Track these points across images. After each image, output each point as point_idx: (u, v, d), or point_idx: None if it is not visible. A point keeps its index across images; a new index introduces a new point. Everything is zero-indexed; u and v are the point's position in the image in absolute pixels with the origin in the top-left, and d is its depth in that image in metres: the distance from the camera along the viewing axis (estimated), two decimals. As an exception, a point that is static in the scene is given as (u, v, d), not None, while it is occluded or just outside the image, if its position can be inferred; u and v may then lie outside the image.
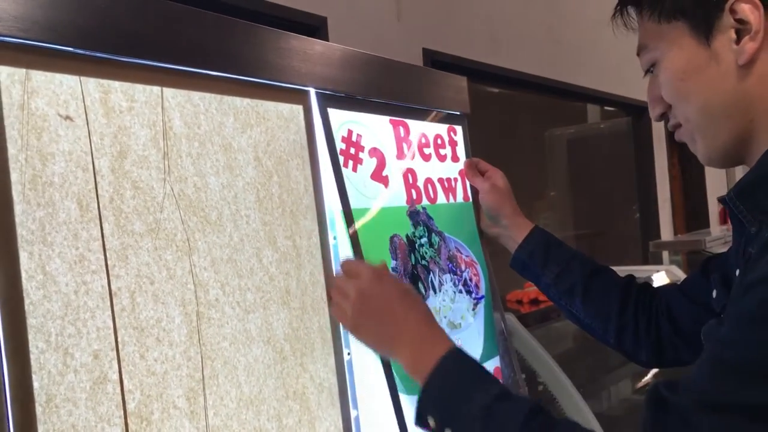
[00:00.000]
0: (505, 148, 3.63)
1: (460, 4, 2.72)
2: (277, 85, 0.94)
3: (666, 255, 3.68)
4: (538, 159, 4.32)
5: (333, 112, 1.03)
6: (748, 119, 0.77)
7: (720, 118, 0.78)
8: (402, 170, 1.15)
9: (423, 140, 1.22)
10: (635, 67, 0.87)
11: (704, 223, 4.92)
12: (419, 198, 1.18)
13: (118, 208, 0.73)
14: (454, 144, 1.30)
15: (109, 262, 0.71)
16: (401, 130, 1.17)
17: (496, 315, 1.30)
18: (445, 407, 0.79)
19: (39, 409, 0.63)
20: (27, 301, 0.64)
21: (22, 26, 0.66)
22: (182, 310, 0.78)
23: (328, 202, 1.00)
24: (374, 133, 1.11)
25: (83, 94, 0.71)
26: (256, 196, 0.89)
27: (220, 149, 0.85)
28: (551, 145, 4.37)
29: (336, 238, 1.00)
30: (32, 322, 0.64)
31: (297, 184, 0.96)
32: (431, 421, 0.80)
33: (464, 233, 1.27)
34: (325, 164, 1.00)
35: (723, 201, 0.78)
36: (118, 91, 0.75)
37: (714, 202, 4.89)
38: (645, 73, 0.87)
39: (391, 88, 1.16)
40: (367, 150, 1.08)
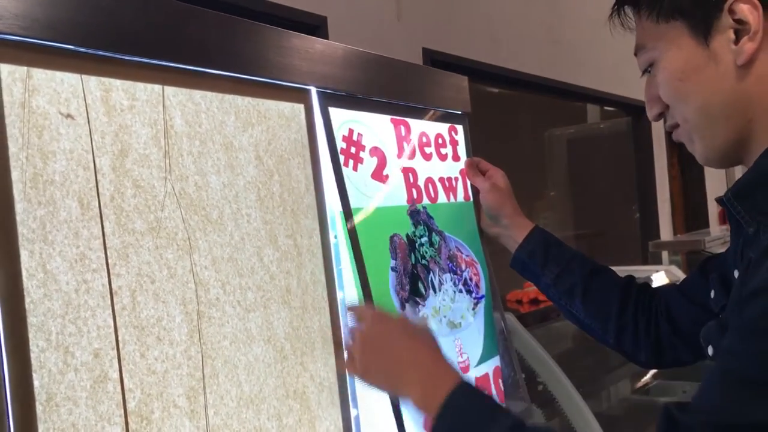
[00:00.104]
0: (505, 148, 3.63)
1: (460, 4, 2.72)
2: (278, 84, 0.94)
3: (665, 255, 3.68)
4: (537, 159, 4.32)
5: (334, 111, 1.02)
6: (746, 119, 0.76)
7: (718, 119, 0.78)
8: (403, 170, 1.15)
9: (424, 139, 1.22)
10: (635, 67, 0.87)
11: (704, 223, 4.93)
12: (420, 197, 1.18)
13: (118, 207, 0.73)
14: (455, 143, 1.30)
15: (109, 260, 0.71)
16: (402, 129, 1.17)
17: (496, 315, 1.30)
18: None
19: (39, 408, 0.63)
20: (27, 300, 0.64)
21: (22, 24, 0.66)
22: (183, 309, 0.78)
23: (329, 201, 1.00)
24: (375, 132, 1.11)
25: (84, 92, 0.71)
26: (257, 195, 0.89)
27: (221, 148, 0.85)
28: (551, 145, 4.37)
29: (337, 237, 1.00)
30: (33, 320, 0.64)
31: (298, 183, 0.96)
32: None
33: (465, 233, 1.27)
34: (326, 163, 1.00)
35: (720, 201, 0.78)
36: (119, 89, 0.75)
37: (714, 202, 4.89)
38: (642, 73, 0.86)
39: (393, 87, 1.16)
40: (367, 149, 1.08)
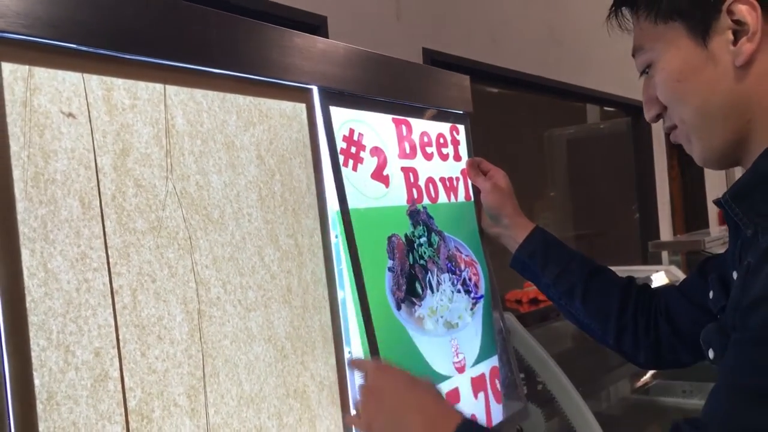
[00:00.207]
0: (505, 148, 3.63)
1: (460, 4, 2.72)
2: (279, 83, 0.94)
3: (665, 255, 3.67)
4: (537, 159, 4.32)
5: (335, 111, 1.02)
6: (745, 120, 0.76)
7: (717, 120, 0.78)
8: (403, 169, 1.15)
9: (425, 139, 1.22)
10: (635, 67, 0.87)
11: (703, 223, 4.93)
12: (420, 197, 1.18)
13: (120, 206, 0.73)
14: (456, 143, 1.30)
15: (110, 259, 0.71)
16: (404, 128, 1.17)
17: (495, 314, 1.30)
18: None
19: (40, 407, 0.63)
20: (28, 299, 0.64)
21: (24, 23, 0.66)
22: (183, 308, 0.78)
23: (330, 200, 1.00)
24: (376, 131, 1.11)
25: (86, 91, 0.71)
26: (258, 195, 0.89)
27: (223, 147, 0.85)
28: (551, 145, 4.37)
29: (338, 236, 1.00)
30: (33, 319, 0.64)
31: (299, 183, 0.96)
32: None
33: (465, 233, 1.27)
34: (328, 163, 1.00)
35: (718, 203, 0.78)
36: (121, 88, 0.75)
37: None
38: (640, 74, 0.86)
39: (394, 87, 1.15)
40: (368, 149, 1.08)
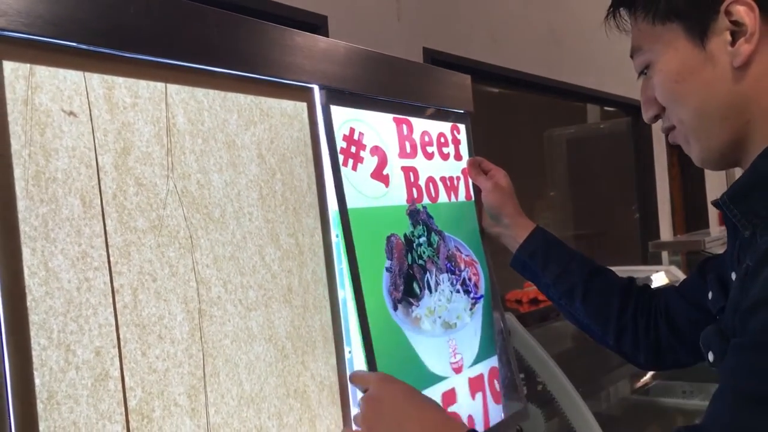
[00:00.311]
0: (505, 148, 3.62)
1: (460, 4, 2.71)
2: (281, 82, 0.94)
3: (665, 255, 3.68)
4: (537, 159, 4.32)
5: (336, 110, 1.02)
6: (743, 121, 0.76)
7: (715, 120, 0.78)
8: (403, 169, 1.15)
9: (426, 138, 1.22)
10: (634, 67, 0.87)
11: (704, 223, 4.92)
12: (420, 197, 1.17)
13: (121, 205, 0.73)
14: (457, 142, 1.30)
15: (111, 258, 0.71)
16: (404, 128, 1.17)
17: (495, 314, 1.29)
18: None
19: (40, 406, 0.63)
20: (29, 298, 0.64)
21: (26, 21, 0.65)
22: (184, 308, 0.77)
23: (331, 199, 1.00)
24: (377, 131, 1.10)
25: (87, 90, 0.71)
26: (259, 194, 0.89)
27: (224, 146, 0.85)
28: (551, 145, 4.37)
29: (339, 236, 1.00)
30: (34, 318, 0.64)
31: (300, 182, 0.96)
32: None
33: (465, 232, 1.27)
34: (328, 162, 1.00)
35: (717, 205, 0.78)
36: (122, 87, 0.74)
37: (714, 202, 4.87)
38: (639, 75, 0.86)
39: (396, 86, 1.15)
40: (368, 149, 1.08)
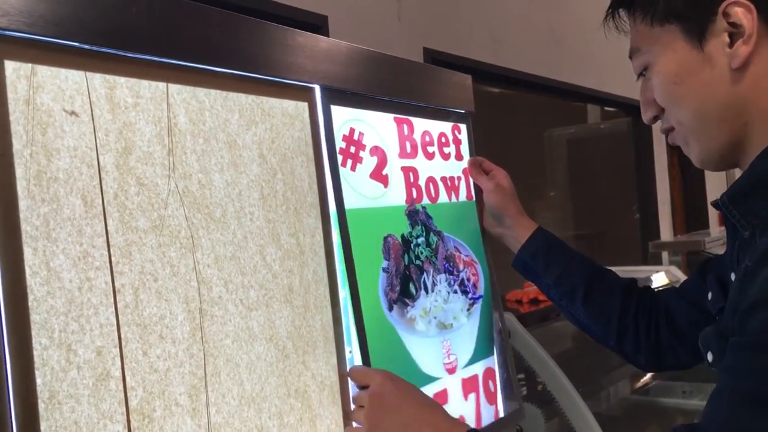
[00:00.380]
0: (505, 148, 3.62)
1: (460, 4, 2.71)
2: (282, 82, 0.94)
3: (665, 255, 3.68)
4: (537, 159, 4.32)
5: (337, 110, 1.02)
6: (742, 122, 0.76)
7: (714, 122, 0.78)
8: (403, 169, 1.15)
9: (427, 138, 1.21)
10: (634, 68, 0.87)
11: (704, 223, 4.92)
12: (420, 197, 1.17)
13: (122, 205, 0.73)
14: (458, 142, 1.29)
15: (112, 258, 0.71)
16: (405, 127, 1.17)
17: (495, 315, 1.29)
18: None
19: (42, 406, 0.63)
20: (31, 297, 0.64)
21: (27, 21, 0.65)
22: (185, 308, 0.77)
23: (331, 199, 1.00)
24: (377, 131, 1.10)
25: (89, 90, 0.71)
26: (260, 194, 0.89)
27: (225, 146, 0.85)
28: (551, 145, 4.37)
29: (337, 236, 1.00)
30: (36, 318, 0.64)
31: (301, 182, 0.96)
32: None
33: (465, 232, 1.27)
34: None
35: (716, 205, 0.78)
36: (124, 86, 0.74)
37: (713, 203, 4.87)
38: (638, 76, 0.86)
39: (396, 86, 1.15)
40: (368, 149, 1.07)
